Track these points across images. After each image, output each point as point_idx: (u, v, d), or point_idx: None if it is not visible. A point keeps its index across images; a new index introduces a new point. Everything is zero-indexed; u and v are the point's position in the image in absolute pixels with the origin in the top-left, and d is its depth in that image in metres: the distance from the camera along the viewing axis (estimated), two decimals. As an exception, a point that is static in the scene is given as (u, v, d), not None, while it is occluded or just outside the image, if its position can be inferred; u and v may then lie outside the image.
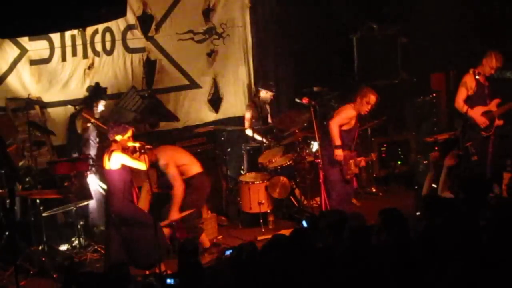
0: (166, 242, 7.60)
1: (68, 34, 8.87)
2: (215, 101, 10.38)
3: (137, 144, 7.22)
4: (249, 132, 9.57)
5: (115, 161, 7.15)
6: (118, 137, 7.23)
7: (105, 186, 7.88)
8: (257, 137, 9.40)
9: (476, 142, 8.16)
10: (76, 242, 8.02)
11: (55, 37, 8.81)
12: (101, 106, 8.58)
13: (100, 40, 9.23)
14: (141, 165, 7.21)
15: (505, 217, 5.08)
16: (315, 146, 8.88)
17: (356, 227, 5.09)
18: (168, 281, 5.31)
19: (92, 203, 8.34)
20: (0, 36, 7.97)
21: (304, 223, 6.16)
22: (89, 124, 8.39)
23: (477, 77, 8.10)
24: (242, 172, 9.64)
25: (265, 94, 9.59)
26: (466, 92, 8.20)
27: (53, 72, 8.90)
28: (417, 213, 7.23)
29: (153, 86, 9.70)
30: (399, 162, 10.18)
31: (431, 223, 5.10)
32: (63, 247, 8.01)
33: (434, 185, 8.51)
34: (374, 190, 9.86)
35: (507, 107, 8.20)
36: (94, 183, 8.24)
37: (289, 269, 4.63)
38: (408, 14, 10.30)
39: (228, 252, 5.76)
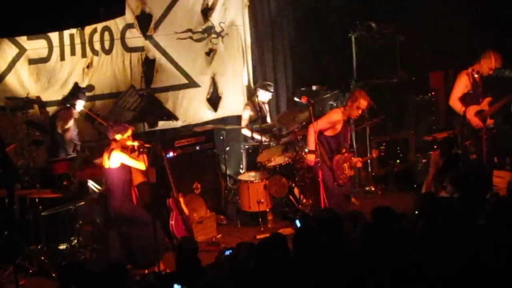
0: (166, 241, 7.60)
1: (66, 33, 8.87)
2: (214, 100, 10.38)
3: (136, 143, 7.23)
4: (245, 132, 9.58)
5: (115, 160, 7.17)
6: (118, 136, 7.24)
7: (97, 186, 7.87)
8: (256, 136, 9.40)
9: (474, 141, 8.17)
10: (75, 241, 8.01)
11: (54, 36, 8.81)
12: (79, 105, 8.51)
13: (98, 39, 9.23)
14: (140, 165, 7.22)
15: (504, 216, 5.08)
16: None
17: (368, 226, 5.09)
18: (176, 287, 5.27)
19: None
20: (-1, 36, 7.97)
21: (298, 223, 6.15)
22: (69, 125, 8.37)
23: (476, 75, 8.09)
24: (241, 171, 9.64)
25: (263, 94, 9.58)
26: (462, 90, 8.21)
27: (52, 71, 8.90)
28: (416, 212, 7.22)
29: (151, 85, 9.70)
30: (398, 161, 10.17)
31: (429, 221, 5.10)
32: (62, 246, 8.00)
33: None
34: (373, 188, 9.86)
35: (498, 106, 8.20)
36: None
37: (286, 268, 4.63)
38: (407, 12, 10.31)
39: (227, 252, 5.76)
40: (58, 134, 8.43)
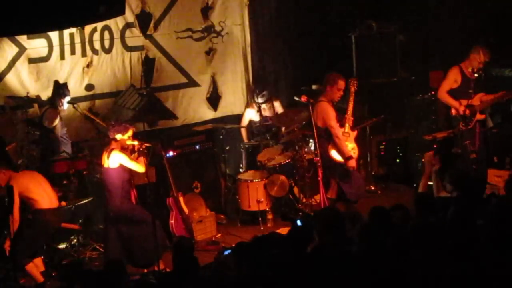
0: (165, 240, 7.60)
1: (66, 32, 8.87)
2: (214, 99, 10.39)
3: (136, 143, 7.23)
4: (242, 132, 9.59)
5: (114, 160, 7.16)
6: (119, 136, 7.24)
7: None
8: (246, 140, 9.45)
9: (473, 139, 8.18)
10: (75, 240, 8.01)
11: (54, 35, 8.82)
12: (65, 103, 8.51)
13: (98, 39, 9.23)
14: (139, 167, 7.20)
15: (504, 215, 5.08)
16: (314, 144, 8.85)
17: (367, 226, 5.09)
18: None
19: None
20: (-2, 35, 7.97)
21: (299, 223, 6.15)
22: (55, 123, 8.37)
23: (476, 74, 8.09)
24: (241, 170, 9.64)
25: (260, 100, 9.51)
26: (451, 84, 8.22)
27: (52, 70, 8.90)
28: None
29: (151, 84, 9.70)
30: (397, 160, 10.17)
31: (424, 221, 5.10)
32: (62, 246, 8.01)
33: (430, 182, 8.55)
34: (372, 188, 9.85)
35: (488, 101, 8.20)
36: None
37: (283, 268, 4.63)
38: (407, 12, 10.31)
39: (226, 252, 5.76)
40: (50, 130, 8.42)
